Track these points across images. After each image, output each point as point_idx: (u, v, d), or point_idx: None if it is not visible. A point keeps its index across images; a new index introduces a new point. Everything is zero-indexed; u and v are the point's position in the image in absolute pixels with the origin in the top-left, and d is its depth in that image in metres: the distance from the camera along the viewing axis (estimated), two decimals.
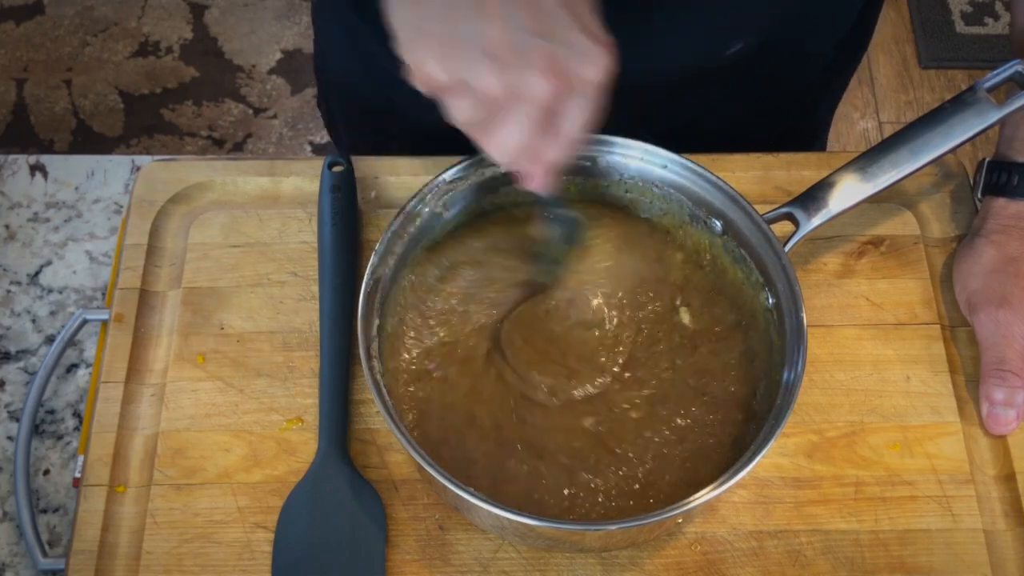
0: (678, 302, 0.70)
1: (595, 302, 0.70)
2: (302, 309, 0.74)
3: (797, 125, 0.95)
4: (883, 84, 2.03)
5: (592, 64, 0.53)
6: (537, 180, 0.59)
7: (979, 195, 0.75)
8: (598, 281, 0.70)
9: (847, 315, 0.74)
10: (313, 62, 1.01)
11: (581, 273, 0.70)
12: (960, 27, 2.08)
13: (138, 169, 0.80)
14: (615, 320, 0.69)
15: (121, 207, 0.81)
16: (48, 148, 1.92)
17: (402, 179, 0.79)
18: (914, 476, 0.68)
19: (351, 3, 0.84)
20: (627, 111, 0.63)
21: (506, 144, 0.55)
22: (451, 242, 0.70)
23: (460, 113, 0.54)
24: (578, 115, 0.54)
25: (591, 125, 0.55)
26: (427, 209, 0.69)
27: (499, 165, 0.58)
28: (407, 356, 0.67)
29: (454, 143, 0.62)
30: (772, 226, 0.68)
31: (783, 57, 0.82)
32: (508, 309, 0.69)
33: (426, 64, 0.53)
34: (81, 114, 1.98)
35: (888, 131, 1.97)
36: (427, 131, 0.75)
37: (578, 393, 0.66)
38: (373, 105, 0.89)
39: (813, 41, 0.84)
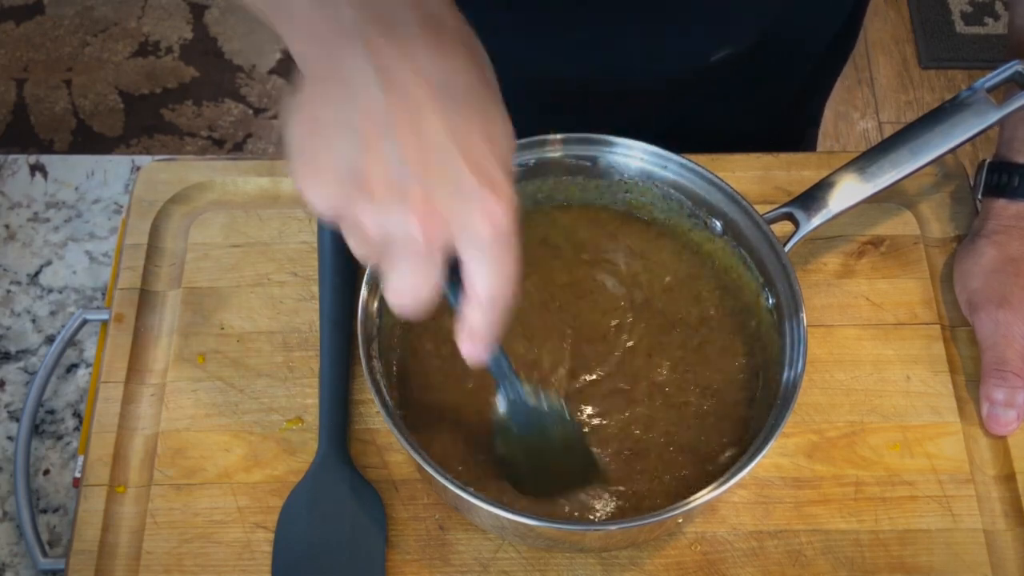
0: (677, 302, 0.70)
1: (597, 298, 0.70)
2: (302, 309, 0.74)
3: (788, 121, 0.95)
4: (883, 84, 2.04)
5: (478, 210, 0.46)
6: (463, 348, 0.51)
7: (979, 196, 0.75)
8: (600, 277, 0.70)
9: (847, 315, 0.74)
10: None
11: (584, 268, 0.70)
12: (960, 27, 2.08)
13: (138, 169, 0.80)
14: (615, 318, 0.69)
15: (121, 207, 0.81)
16: (48, 148, 1.92)
17: None
18: (914, 476, 0.68)
19: None
20: (613, 115, 0.63)
21: (397, 293, 0.48)
22: None
23: (354, 248, 0.49)
24: (479, 271, 0.47)
25: (504, 282, 0.48)
26: None
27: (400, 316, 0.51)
28: (407, 356, 0.67)
29: None
30: (772, 226, 0.68)
31: (770, 60, 0.82)
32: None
33: (310, 194, 0.48)
34: (81, 114, 1.98)
35: (888, 131, 1.97)
36: None
37: (576, 385, 0.66)
38: None
39: (801, 44, 0.84)
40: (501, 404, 0.60)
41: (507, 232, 0.47)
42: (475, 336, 0.50)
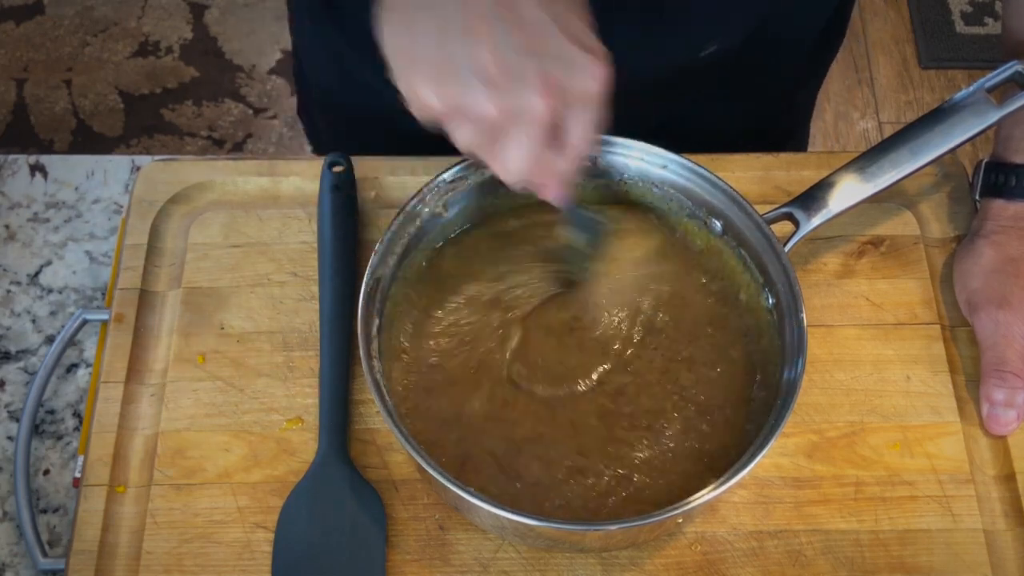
0: (677, 302, 0.70)
1: (596, 298, 0.70)
2: (302, 309, 0.74)
3: (780, 115, 0.96)
4: (883, 84, 2.04)
5: (587, 75, 0.52)
6: (551, 192, 0.58)
7: (977, 196, 0.75)
8: (599, 277, 0.70)
9: (847, 315, 0.74)
10: (293, 73, 1.00)
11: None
12: (960, 27, 2.08)
13: (138, 169, 0.80)
14: (615, 318, 0.69)
15: (121, 207, 0.81)
16: (48, 148, 1.92)
17: (402, 179, 0.79)
18: (914, 476, 0.68)
19: (331, 17, 0.83)
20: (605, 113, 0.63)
21: (512, 165, 0.55)
22: (453, 249, 0.70)
23: (463, 137, 0.54)
24: (581, 126, 0.54)
25: (596, 134, 0.55)
26: (427, 209, 0.69)
27: (510, 184, 0.58)
28: (407, 356, 0.67)
29: (438, 150, 0.62)
30: (772, 226, 0.68)
31: (760, 54, 0.82)
32: (506, 308, 0.69)
33: (422, 93, 0.52)
34: (81, 114, 1.98)
35: (888, 131, 1.97)
36: (411, 139, 0.75)
37: (579, 387, 0.66)
38: (355, 114, 0.89)
39: (790, 38, 0.84)
40: (571, 227, 0.67)
41: (604, 87, 0.53)
42: (564, 181, 0.57)
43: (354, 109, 0.89)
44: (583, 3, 0.54)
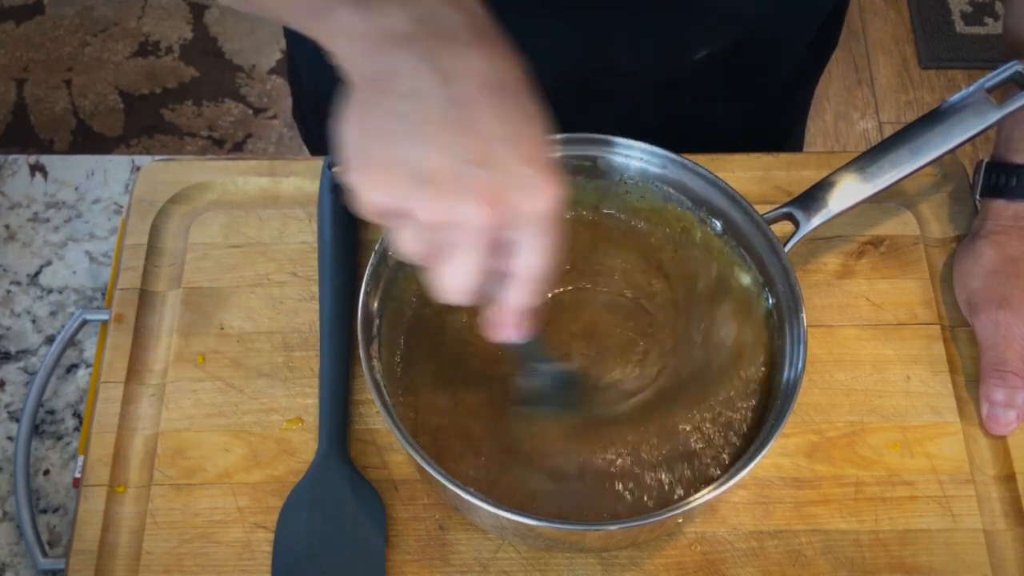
0: (676, 302, 0.70)
1: (596, 299, 0.70)
2: (302, 309, 0.74)
3: (777, 115, 0.96)
4: (883, 84, 2.04)
5: (536, 195, 0.50)
6: (507, 328, 0.55)
7: (977, 196, 0.75)
8: (597, 279, 0.70)
9: (847, 315, 0.74)
10: (288, 76, 1.00)
11: (583, 272, 0.70)
12: (960, 27, 2.08)
13: (138, 169, 0.80)
14: (614, 316, 0.69)
15: (121, 207, 0.81)
16: (48, 148, 1.92)
17: None
18: (914, 476, 0.68)
19: None
20: (602, 113, 0.63)
21: (453, 279, 0.52)
22: None
23: (404, 242, 0.52)
24: (530, 250, 0.51)
25: (549, 261, 0.52)
26: None
27: (455, 305, 0.54)
28: (408, 355, 0.67)
29: None
30: (772, 226, 0.68)
31: (758, 55, 0.82)
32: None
33: (366, 191, 0.50)
34: (81, 114, 1.98)
35: (888, 131, 1.97)
36: None
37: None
38: None
39: (786, 37, 0.84)
40: (529, 376, 0.64)
41: (557, 212, 0.51)
42: (516, 315, 0.54)
43: None
44: (541, 124, 0.52)
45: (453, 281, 0.52)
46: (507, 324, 0.55)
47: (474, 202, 0.49)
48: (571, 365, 0.66)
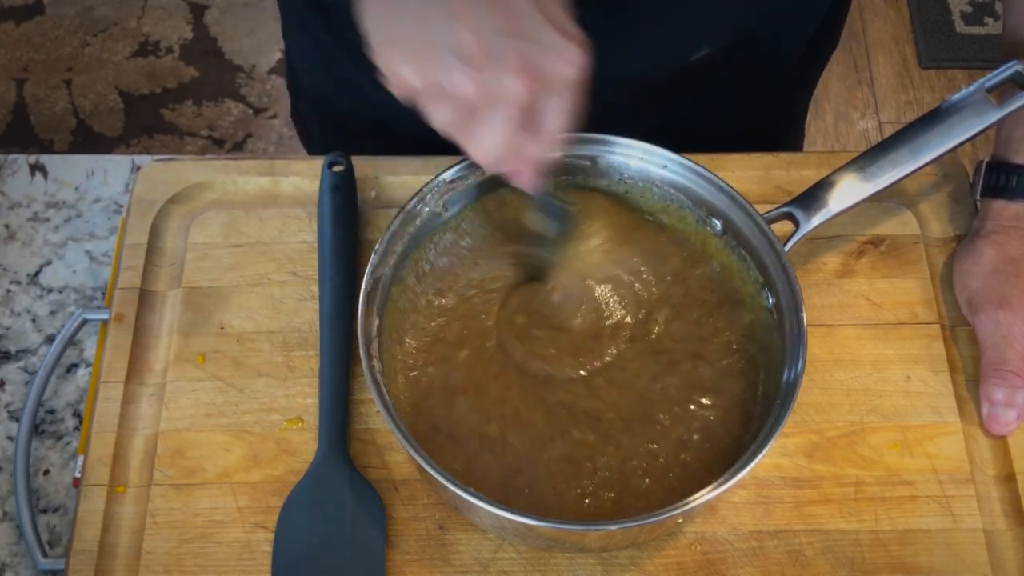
0: (676, 302, 0.70)
1: (595, 295, 0.70)
2: (302, 309, 0.74)
3: (775, 115, 0.96)
4: (883, 84, 2.04)
5: (566, 61, 0.53)
6: (524, 178, 0.59)
7: (978, 196, 0.75)
8: (598, 275, 0.70)
9: (847, 315, 0.74)
10: (286, 77, 1.00)
11: (583, 264, 0.70)
12: (960, 27, 2.08)
13: (138, 169, 0.80)
14: (615, 316, 0.69)
15: (121, 207, 0.81)
16: (48, 148, 1.92)
17: (402, 179, 0.79)
18: (914, 476, 0.68)
19: (323, 24, 0.84)
20: (597, 115, 0.63)
21: (486, 146, 0.55)
22: (443, 238, 0.70)
23: (438, 117, 0.54)
24: (556, 112, 0.55)
25: (571, 120, 0.56)
26: (427, 209, 0.69)
27: (484, 167, 0.58)
28: (407, 355, 0.67)
29: (431, 151, 0.63)
30: (772, 226, 0.68)
31: (757, 55, 0.82)
32: (504, 300, 0.69)
33: (400, 70, 0.53)
34: (81, 114, 1.98)
35: (888, 131, 1.97)
36: (403, 141, 0.76)
37: (578, 390, 0.66)
38: (347, 117, 0.90)
39: (785, 37, 0.84)
40: (540, 214, 0.68)
41: (584, 73, 0.54)
42: (538, 168, 0.58)
43: (346, 112, 0.89)
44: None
45: (487, 147, 0.55)
46: (527, 174, 0.58)
47: (511, 72, 0.51)
48: (569, 204, 0.68)
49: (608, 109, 0.78)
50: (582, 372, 0.67)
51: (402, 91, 0.54)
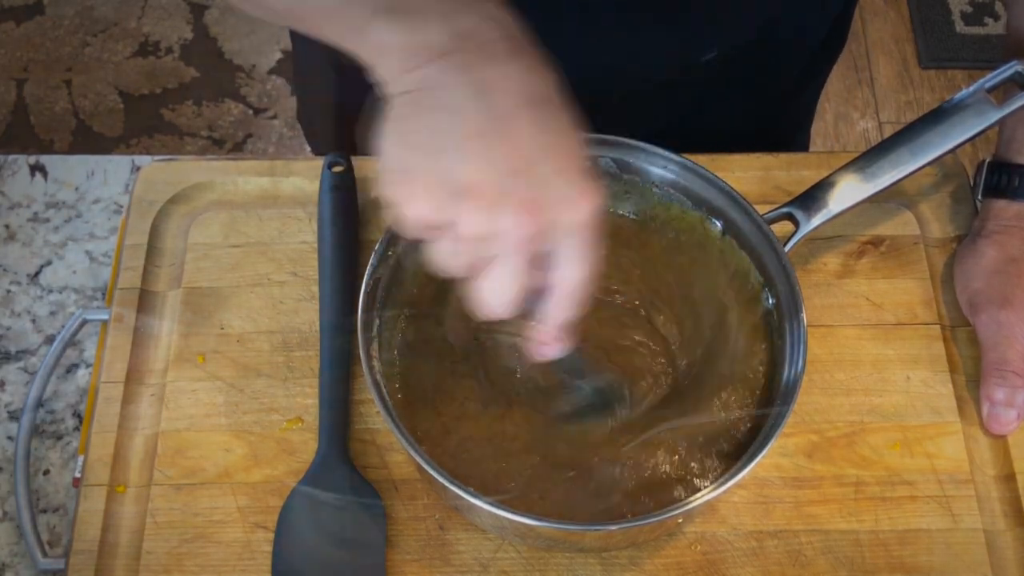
0: (676, 302, 0.70)
1: (596, 299, 0.69)
2: (302, 309, 0.74)
3: (781, 117, 0.96)
4: (883, 84, 2.03)
5: (574, 206, 0.50)
6: (549, 343, 0.55)
7: (979, 196, 0.75)
8: (600, 278, 0.70)
9: (847, 315, 0.74)
10: (293, 77, 1.00)
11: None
12: (960, 27, 2.08)
13: (138, 169, 0.80)
14: (615, 317, 0.69)
15: (121, 207, 0.81)
16: (48, 148, 1.92)
17: None
18: (914, 476, 0.68)
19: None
20: (608, 115, 0.63)
21: (496, 291, 0.52)
22: None
23: (444, 255, 0.52)
24: (571, 262, 0.52)
25: (588, 272, 0.52)
26: None
27: (495, 317, 0.53)
28: (408, 355, 0.67)
29: None
30: (772, 226, 0.68)
31: (763, 58, 0.82)
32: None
33: (409, 204, 0.51)
34: (81, 114, 1.98)
35: (888, 131, 1.97)
36: None
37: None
38: (354, 117, 0.89)
39: (795, 40, 0.84)
40: (574, 387, 0.64)
41: (596, 225, 0.51)
42: (557, 330, 0.54)
43: (353, 112, 0.89)
44: (578, 134, 0.52)
45: (494, 293, 0.52)
46: (549, 339, 0.55)
47: (514, 213, 0.49)
48: (608, 377, 0.66)
49: (616, 107, 0.78)
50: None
51: (410, 226, 0.52)
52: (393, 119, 0.51)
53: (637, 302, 0.70)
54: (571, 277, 0.52)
